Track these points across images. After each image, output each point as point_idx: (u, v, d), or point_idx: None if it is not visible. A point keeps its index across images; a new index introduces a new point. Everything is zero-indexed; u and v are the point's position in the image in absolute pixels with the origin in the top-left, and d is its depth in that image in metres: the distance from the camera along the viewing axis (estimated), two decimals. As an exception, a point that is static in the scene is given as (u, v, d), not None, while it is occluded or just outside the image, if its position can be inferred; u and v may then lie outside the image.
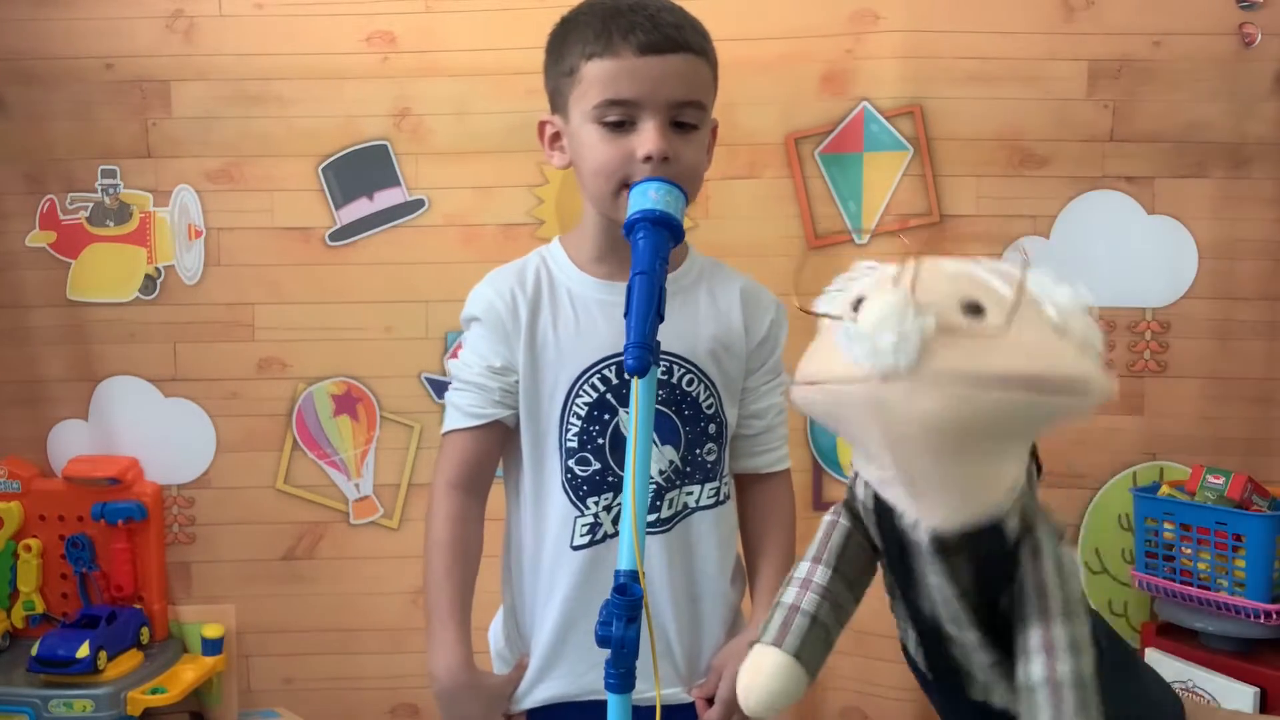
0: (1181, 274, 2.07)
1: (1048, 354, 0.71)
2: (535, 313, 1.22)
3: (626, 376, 0.98)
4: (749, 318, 1.25)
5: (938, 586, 0.80)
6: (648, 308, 0.97)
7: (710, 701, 1.22)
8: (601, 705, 0.96)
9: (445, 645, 1.17)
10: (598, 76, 1.14)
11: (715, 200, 2.09)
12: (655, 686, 0.98)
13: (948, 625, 0.83)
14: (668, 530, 1.20)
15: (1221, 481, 1.86)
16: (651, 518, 1.18)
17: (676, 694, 1.22)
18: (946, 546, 0.77)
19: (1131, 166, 2.07)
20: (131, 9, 2.12)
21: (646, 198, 1.05)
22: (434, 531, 1.22)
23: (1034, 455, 0.80)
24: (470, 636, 1.20)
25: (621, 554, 0.94)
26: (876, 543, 0.86)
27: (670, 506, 1.20)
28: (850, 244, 2.09)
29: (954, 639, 0.85)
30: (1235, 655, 1.83)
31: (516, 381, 1.21)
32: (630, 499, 0.93)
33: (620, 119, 1.13)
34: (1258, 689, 1.77)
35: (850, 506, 0.88)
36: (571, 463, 1.20)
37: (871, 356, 0.70)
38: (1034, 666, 0.76)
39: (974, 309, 0.72)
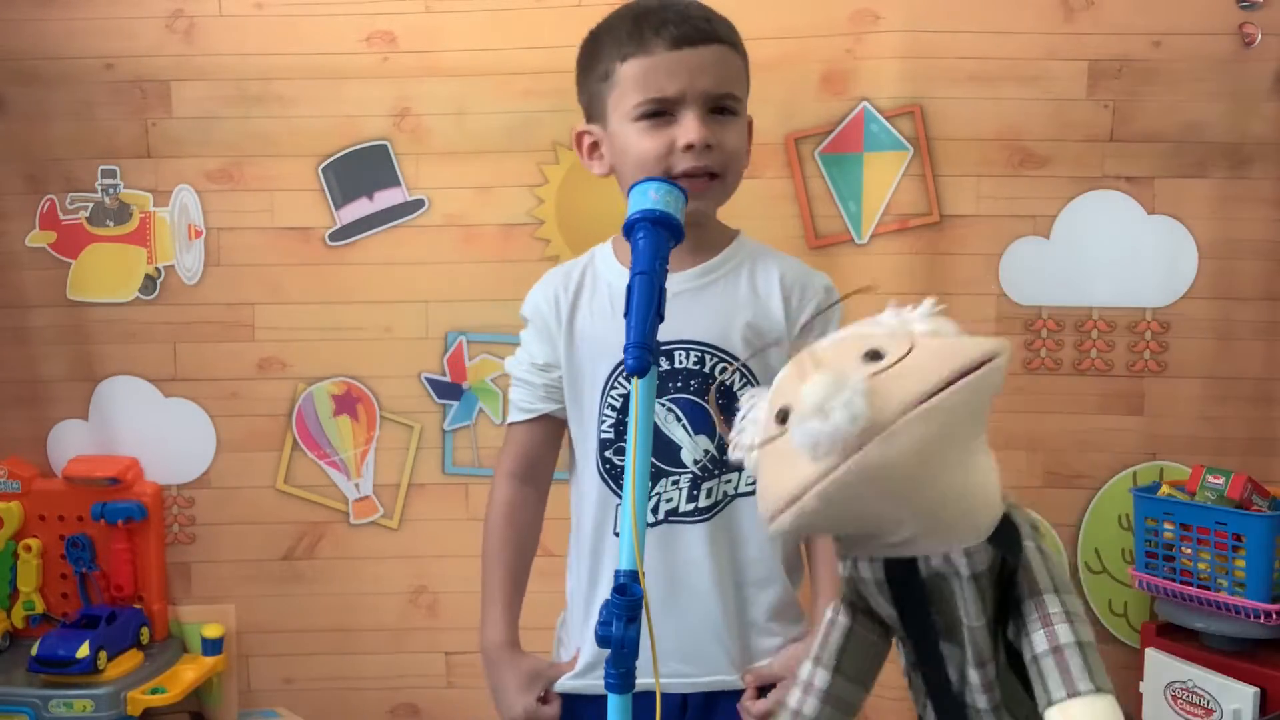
0: (1181, 274, 2.07)
1: (958, 348, 0.77)
2: (575, 308, 1.26)
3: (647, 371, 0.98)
4: (790, 305, 1.25)
5: (968, 620, 0.82)
6: (648, 308, 0.97)
7: (761, 693, 1.23)
8: (641, 697, 0.96)
9: (490, 622, 1.27)
10: (634, 76, 1.17)
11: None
12: (655, 685, 0.97)
13: (970, 671, 0.84)
14: (708, 519, 1.21)
15: (1221, 481, 1.86)
16: (690, 507, 1.21)
17: (730, 680, 1.24)
18: (979, 563, 0.80)
19: (1131, 166, 2.06)
20: (131, 9, 2.12)
21: (646, 198, 1.05)
22: (490, 516, 1.31)
23: None
24: (517, 615, 1.27)
25: (622, 554, 0.93)
26: (889, 619, 0.88)
27: (709, 496, 1.22)
28: (850, 244, 2.09)
29: (973, 705, 0.85)
30: (1235, 655, 1.83)
31: (560, 377, 1.26)
32: (630, 499, 0.93)
33: (660, 111, 1.17)
34: (1258, 689, 1.77)
35: (847, 600, 0.90)
36: (609, 453, 1.23)
37: (835, 439, 0.73)
38: (1036, 639, 0.78)
39: (874, 355, 0.77)
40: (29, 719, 1.94)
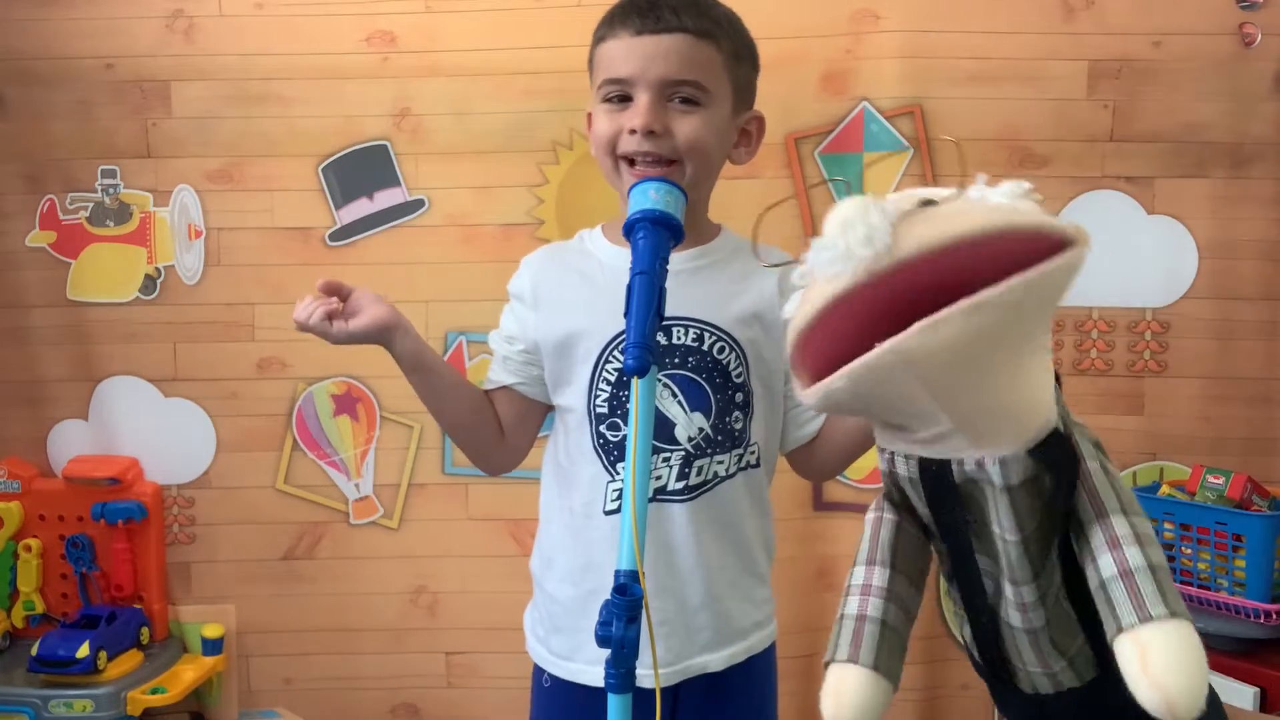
0: (1181, 274, 2.07)
1: (1008, 209, 0.71)
2: (563, 285, 1.27)
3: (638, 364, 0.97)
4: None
5: (1002, 534, 0.77)
6: (648, 308, 0.97)
7: None
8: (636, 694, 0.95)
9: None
10: (601, 58, 1.21)
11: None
12: (655, 683, 0.97)
13: (1005, 586, 0.80)
14: (694, 499, 1.21)
15: (1221, 481, 1.86)
16: (680, 485, 1.20)
17: (714, 660, 1.24)
18: (1013, 475, 0.75)
19: (1131, 166, 2.07)
20: (131, 9, 2.12)
21: (646, 198, 1.05)
22: None
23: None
24: (434, 355, 1.29)
25: (622, 554, 0.93)
26: (927, 521, 0.84)
27: (700, 474, 1.21)
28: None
29: (1006, 621, 0.82)
30: (1235, 655, 1.83)
31: (522, 351, 1.28)
32: (630, 499, 0.93)
33: (620, 95, 1.19)
34: (1258, 689, 1.77)
35: (890, 498, 0.86)
36: (603, 428, 1.22)
37: (847, 258, 0.70)
38: (1103, 564, 0.73)
39: (928, 203, 0.74)
40: (29, 719, 1.94)
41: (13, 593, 2.13)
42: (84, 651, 1.94)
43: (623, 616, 0.91)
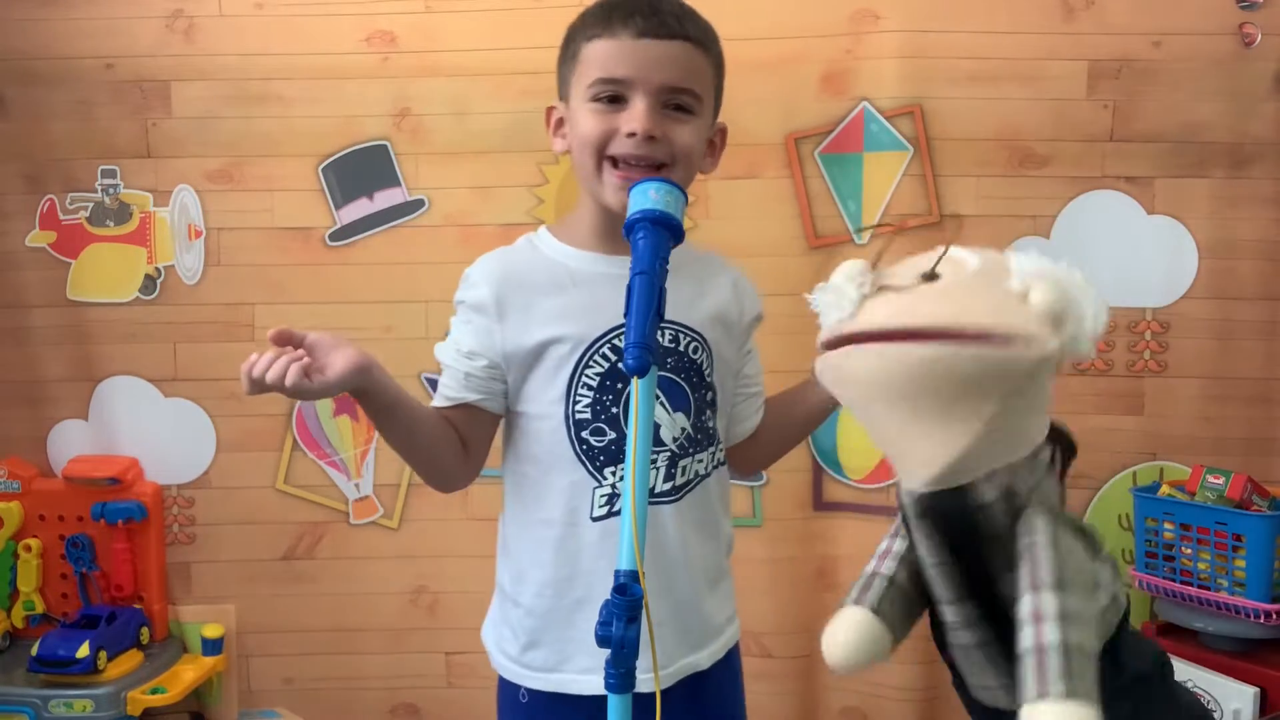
0: (1181, 274, 2.07)
1: (975, 307, 0.75)
2: (529, 292, 1.22)
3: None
4: (743, 305, 1.30)
5: (924, 556, 0.84)
6: (648, 308, 0.97)
7: None
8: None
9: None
10: (595, 56, 1.18)
11: (715, 200, 2.09)
12: (655, 685, 0.97)
13: (942, 604, 0.84)
14: (680, 499, 1.22)
15: (1221, 481, 1.86)
16: (667, 486, 1.20)
17: (697, 660, 1.24)
18: (918, 507, 0.82)
19: (1131, 166, 2.07)
20: (131, 9, 2.12)
21: (647, 197, 1.05)
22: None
23: (1060, 441, 0.85)
24: (396, 388, 1.17)
25: (621, 554, 0.93)
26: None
27: (684, 474, 1.22)
28: (850, 244, 2.09)
29: (947, 625, 0.86)
30: (1235, 655, 1.84)
31: (485, 366, 1.22)
32: (631, 499, 0.93)
33: (613, 95, 1.17)
34: (1258, 689, 1.77)
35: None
36: (585, 434, 1.20)
37: (823, 313, 0.82)
38: (1023, 635, 0.75)
39: (930, 277, 0.78)
40: (29, 719, 1.94)
41: (13, 593, 2.14)
42: (84, 651, 1.94)
43: (623, 616, 0.91)
